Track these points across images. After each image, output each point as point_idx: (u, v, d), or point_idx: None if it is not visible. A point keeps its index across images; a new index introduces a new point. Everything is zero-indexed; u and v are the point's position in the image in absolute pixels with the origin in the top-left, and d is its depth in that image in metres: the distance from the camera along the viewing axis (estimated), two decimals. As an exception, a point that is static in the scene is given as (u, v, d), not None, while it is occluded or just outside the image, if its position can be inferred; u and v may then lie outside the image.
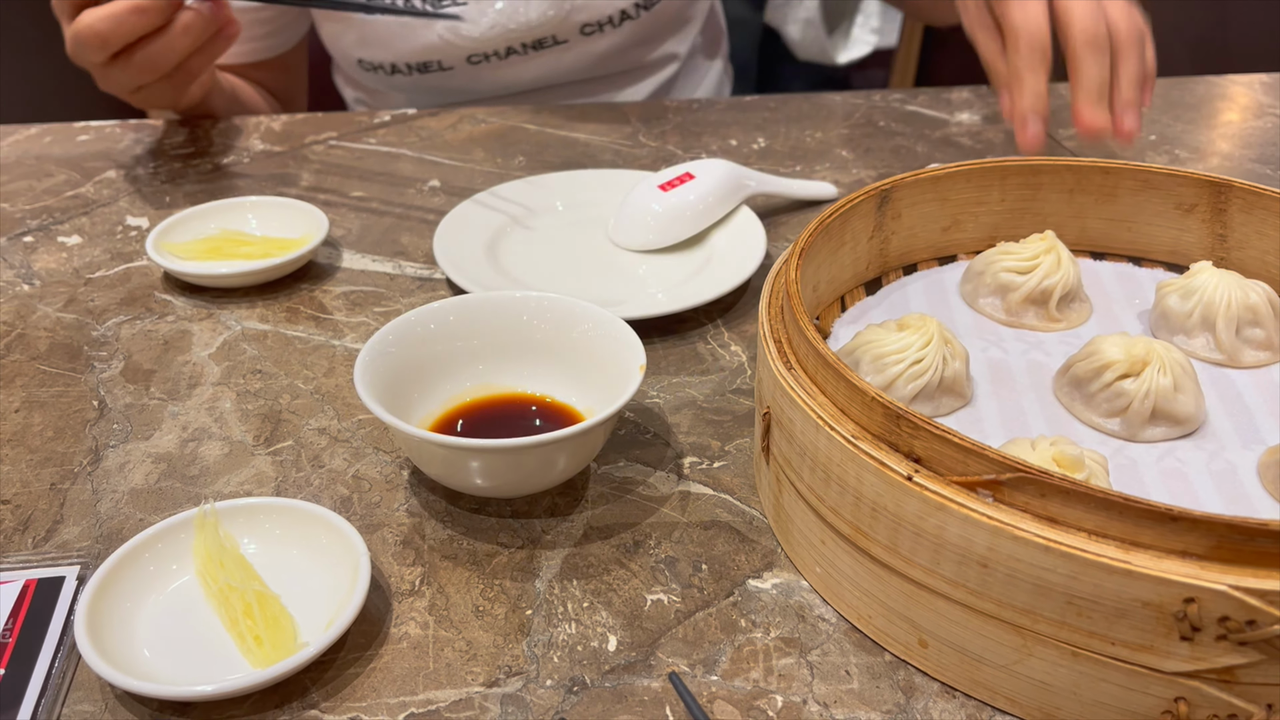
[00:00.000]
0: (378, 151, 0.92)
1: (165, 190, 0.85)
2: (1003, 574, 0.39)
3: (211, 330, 0.67)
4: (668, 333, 0.67)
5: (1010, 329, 0.59)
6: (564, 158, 0.91)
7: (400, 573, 0.49)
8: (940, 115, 0.99)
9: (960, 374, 0.52)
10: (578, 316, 0.57)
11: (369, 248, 0.77)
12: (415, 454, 0.51)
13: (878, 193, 0.60)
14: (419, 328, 0.56)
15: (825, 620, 0.47)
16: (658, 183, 0.76)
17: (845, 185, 0.85)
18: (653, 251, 0.74)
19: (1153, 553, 0.37)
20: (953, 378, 0.52)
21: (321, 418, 0.59)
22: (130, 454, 0.57)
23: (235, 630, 0.44)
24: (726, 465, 0.56)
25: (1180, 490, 0.48)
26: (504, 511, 0.53)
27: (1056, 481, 0.38)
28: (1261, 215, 0.60)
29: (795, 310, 0.48)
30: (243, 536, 0.49)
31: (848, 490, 0.43)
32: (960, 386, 0.52)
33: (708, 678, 0.44)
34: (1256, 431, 0.51)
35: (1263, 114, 1.01)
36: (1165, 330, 0.58)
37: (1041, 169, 0.64)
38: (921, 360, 0.51)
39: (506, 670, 0.44)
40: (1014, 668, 0.41)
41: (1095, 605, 0.38)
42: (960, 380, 0.52)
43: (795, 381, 0.46)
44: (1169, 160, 0.91)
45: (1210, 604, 0.36)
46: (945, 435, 0.40)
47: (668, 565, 0.50)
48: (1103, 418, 0.52)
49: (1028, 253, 0.60)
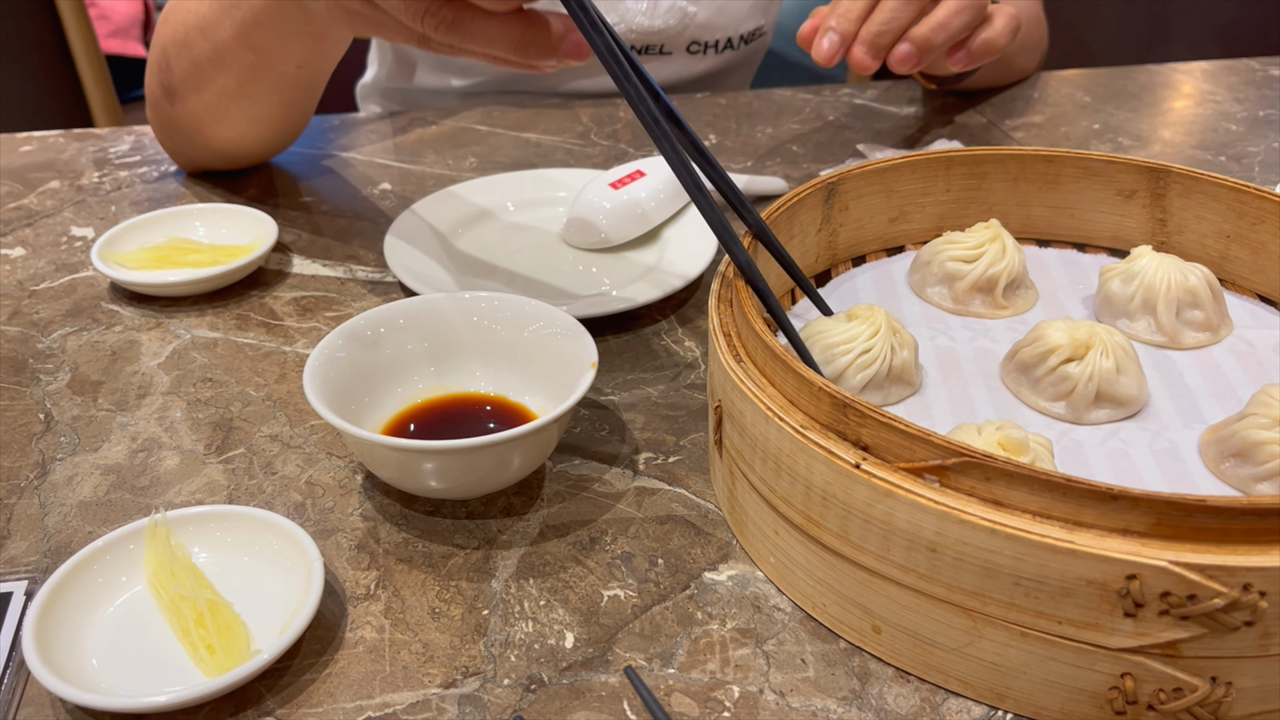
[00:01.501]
0: (328, 155, 0.91)
1: (110, 199, 0.84)
2: (951, 558, 0.40)
3: (160, 339, 0.66)
4: (621, 330, 0.67)
5: (958, 317, 0.60)
6: (515, 158, 0.91)
7: (355, 577, 0.49)
8: (889, 109, 1.00)
9: (909, 363, 0.53)
10: (529, 315, 0.57)
11: (320, 252, 0.76)
12: (368, 458, 0.51)
13: (824, 186, 0.61)
14: (369, 331, 0.56)
15: (780, 610, 0.47)
16: (609, 181, 0.76)
17: (795, 180, 0.86)
18: (605, 249, 0.75)
19: (1095, 532, 0.38)
20: (901, 367, 0.52)
21: (273, 424, 0.59)
22: (78, 466, 0.56)
23: (187, 640, 0.44)
24: (681, 460, 0.56)
25: (1124, 470, 0.49)
26: (459, 513, 0.52)
27: (1001, 465, 0.39)
28: (1199, 200, 0.62)
29: (744, 304, 0.48)
30: (194, 546, 0.48)
31: (798, 480, 0.44)
32: (909, 375, 0.53)
33: (665, 671, 0.44)
34: (1197, 411, 0.52)
35: (1203, 101, 1.03)
36: (1109, 314, 0.59)
37: (985, 158, 0.65)
38: (870, 350, 0.52)
39: (464, 671, 0.44)
40: (965, 650, 0.42)
41: (1041, 585, 0.39)
42: (909, 369, 0.53)
43: (745, 374, 0.47)
44: (1113, 148, 0.92)
45: (1152, 580, 0.37)
46: (892, 423, 0.41)
47: (624, 561, 0.50)
48: (1049, 401, 0.52)
49: (973, 241, 0.60)
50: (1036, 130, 0.96)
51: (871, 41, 0.70)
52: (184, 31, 0.75)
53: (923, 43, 0.70)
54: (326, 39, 0.69)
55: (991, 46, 0.74)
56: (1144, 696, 0.40)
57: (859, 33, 0.71)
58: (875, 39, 0.70)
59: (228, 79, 0.74)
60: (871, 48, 0.70)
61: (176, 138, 0.83)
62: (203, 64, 0.74)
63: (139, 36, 2.06)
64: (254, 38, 0.70)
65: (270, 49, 0.70)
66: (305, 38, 0.69)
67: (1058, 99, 1.02)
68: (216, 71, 0.74)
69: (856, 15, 0.71)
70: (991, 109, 1.00)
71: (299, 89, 0.76)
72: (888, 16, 0.70)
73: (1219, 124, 0.97)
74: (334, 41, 0.70)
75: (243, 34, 0.70)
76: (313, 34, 0.68)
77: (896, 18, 0.70)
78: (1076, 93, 1.04)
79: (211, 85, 0.75)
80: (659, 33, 1.00)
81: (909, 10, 0.70)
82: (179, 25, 0.75)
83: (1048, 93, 1.04)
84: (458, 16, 0.51)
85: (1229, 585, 0.37)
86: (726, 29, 1.02)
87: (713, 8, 1.00)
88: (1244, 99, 1.02)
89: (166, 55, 0.77)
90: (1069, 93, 1.04)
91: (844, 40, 0.71)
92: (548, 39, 0.52)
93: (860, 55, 0.70)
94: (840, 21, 0.71)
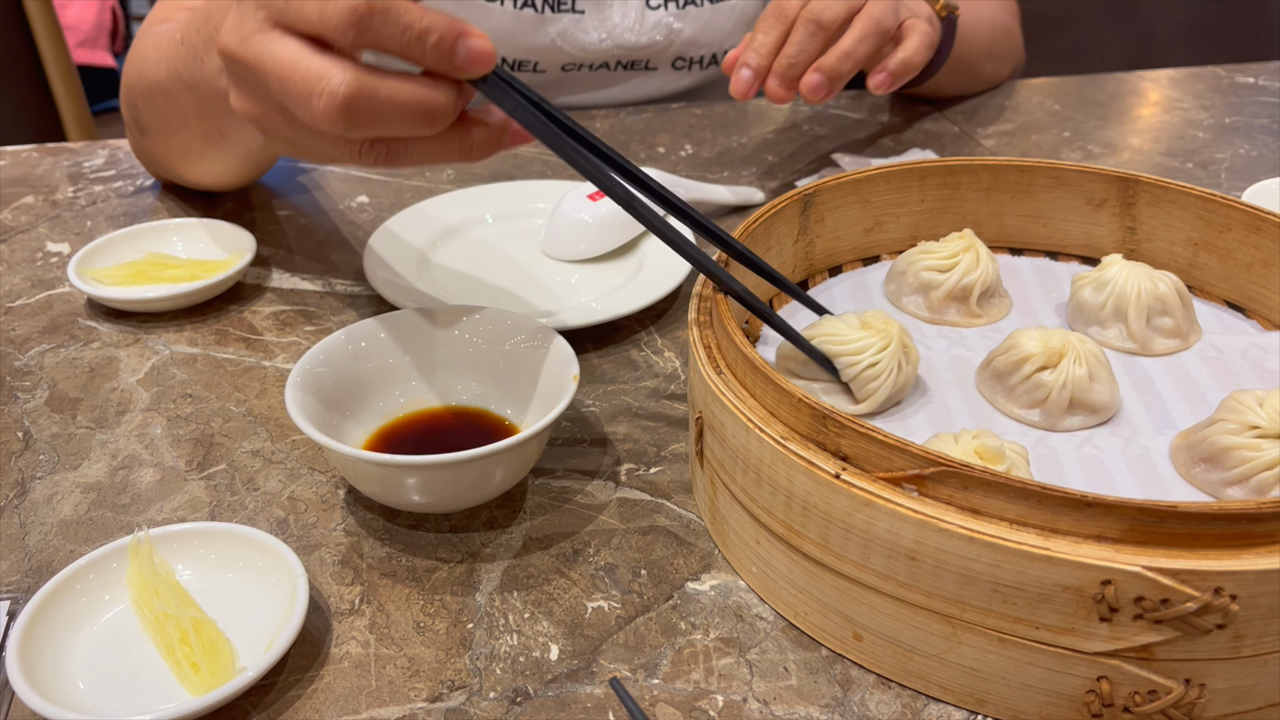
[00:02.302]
0: (305, 169, 0.91)
1: (86, 215, 0.83)
2: (930, 565, 0.41)
3: (139, 356, 0.66)
4: (602, 341, 0.67)
5: (933, 326, 0.61)
6: (493, 169, 0.91)
7: (340, 592, 0.49)
8: (863, 118, 1.01)
9: (909, 379, 0.53)
10: (510, 329, 0.57)
11: (298, 266, 0.76)
12: (350, 473, 0.51)
13: (801, 198, 0.61)
14: (350, 345, 0.56)
15: (763, 619, 0.48)
16: (587, 193, 0.76)
17: (771, 189, 0.87)
18: (584, 261, 0.75)
19: (1071, 538, 0.39)
20: (903, 383, 0.53)
21: (255, 440, 0.59)
22: (58, 485, 0.56)
23: (172, 658, 0.44)
24: (663, 470, 0.56)
25: (1098, 476, 0.49)
26: (442, 526, 0.53)
27: (978, 474, 0.39)
28: (1168, 209, 0.63)
29: (722, 316, 0.49)
30: (177, 563, 0.48)
31: (779, 490, 0.44)
32: (904, 392, 0.54)
33: (649, 681, 0.45)
34: (1168, 416, 0.53)
35: (1171, 108, 1.05)
36: (1081, 322, 0.60)
37: (959, 169, 0.66)
38: (877, 364, 0.52)
39: (449, 684, 0.45)
40: (945, 656, 0.43)
41: (1019, 591, 0.39)
42: (907, 385, 0.54)
43: (725, 386, 0.47)
44: (1083, 156, 0.94)
45: (1126, 585, 0.38)
46: (870, 433, 0.41)
47: (607, 572, 0.50)
48: (1023, 409, 0.53)
49: (947, 251, 0.61)
50: (1008, 138, 0.97)
51: (783, 74, 0.74)
52: (146, 87, 0.74)
53: (831, 72, 0.73)
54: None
55: (909, 65, 0.77)
56: (1120, 699, 0.40)
57: (771, 66, 0.74)
58: (786, 71, 0.74)
59: (191, 138, 0.74)
60: (783, 79, 0.74)
61: (151, 164, 0.84)
62: (169, 121, 0.74)
63: (106, 45, 2.05)
64: (215, 117, 0.69)
65: (231, 130, 0.70)
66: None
67: (1028, 107, 1.04)
68: (180, 130, 0.74)
69: (769, 49, 0.74)
70: (963, 117, 1.01)
71: (266, 152, 0.77)
72: (796, 49, 0.73)
73: (1186, 131, 0.99)
74: None
75: (202, 111, 0.69)
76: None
77: (805, 49, 0.73)
78: (1047, 101, 1.05)
79: (178, 138, 0.75)
80: (645, 49, 1.01)
81: (816, 42, 0.74)
82: (141, 78, 0.74)
83: (1018, 101, 1.05)
84: (392, 148, 0.48)
85: (1201, 589, 0.37)
86: (711, 45, 1.03)
87: (698, 25, 1.01)
88: (1210, 106, 1.04)
89: (134, 99, 0.77)
90: (1039, 101, 1.05)
91: (757, 74, 0.74)
92: (488, 134, 0.49)
93: (774, 87, 0.74)
94: (754, 56, 0.74)
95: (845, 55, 0.73)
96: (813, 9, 0.73)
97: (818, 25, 0.73)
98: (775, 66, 0.74)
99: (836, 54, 0.73)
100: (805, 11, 0.74)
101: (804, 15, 0.74)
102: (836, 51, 0.74)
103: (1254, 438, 0.47)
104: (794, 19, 0.74)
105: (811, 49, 0.73)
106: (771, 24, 0.75)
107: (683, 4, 1.00)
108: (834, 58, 0.73)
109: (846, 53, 0.73)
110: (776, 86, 0.74)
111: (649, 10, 0.99)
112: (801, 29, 0.73)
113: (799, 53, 0.73)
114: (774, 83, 0.74)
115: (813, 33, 0.73)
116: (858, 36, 0.74)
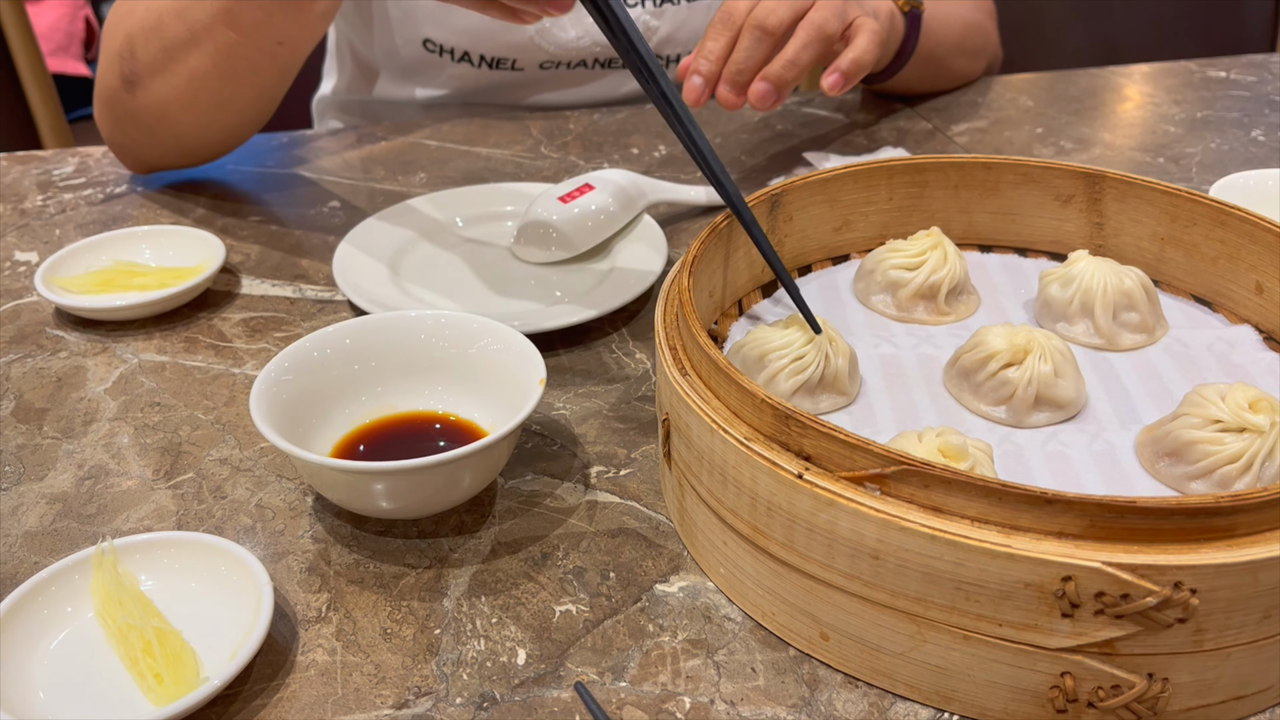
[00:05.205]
0: (275, 174, 0.90)
1: (54, 223, 0.83)
2: (894, 564, 0.41)
3: (107, 365, 0.66)
4: (573, 343, 0.67)
5: (902, 324, 0.61)
6: (465, 173, 0.91)
7: (306, 600, 0.49)
8: (836, 116, 1.01)
9: (841, 371, 0.54)
10: (476, 333, 0.57)
11: (268, 272, 0.76)
12: (317, 481, 0.51)
13: (769, 197, 0.61)
14: (315, 353, 0.56)
15: (731, 620, 0.48)
16: (557, 195, 0.76)
17: (745, 189, 0.87)
18: (556, 263, 0.75)
19: (1031, 535, 0.39)
20: (834, 375, 0.53)
21: (223, 448, 0.59)
22: (24, 496, 0.55)
23: (135, 669, 0.44)
24: (633, 473, 0.56)
25: (1063, 472, 0.50)
26: (411, 532, 0.53)
27: (939, 472, 0.39)
28: (1134, 204, 0.63)
29: (688, 317, 0.49)
30: (141, 574, 0.48)
31: (744, 491, 0.44)
32: (841, 384, 0.54)
33: (616, 684, 0.45)
34: (1134, 411, 0.54)
35: (1143, 104, 1.05)
36: (1048, 318, 0.60)
37: (926, 167, 0.66)
38: (803, 357, 0.53)
39: (416, 691, 0.44)
40: (910, 654, 0.43)
41: (981, 589, 0.39)
42: (841, 378, 0.54)
43: (690, 387, 0.47)
44: (1055, 151, 0.94)
45: (1086, 581, 0.38)
46: (832, 433, 0.41)
47: (576, 575, 0.50)
48: (990, 406, 0.53)
49: (915, 249, 0.61)
50: (980, 135, 0.97)
51: (732, 80, 0.75)
52: (155, 16, 0.77)
53: (777, 79, 0.75)
54: (312, 11, 0.73)
55: (860, 64, 0.77)
56: (1084, 694, 0.41)
57: (721, 72, 0.75)
58: (735, 77, 0.75)
59: (201, 59, 0.76)
60: (733, 85, 0.75)
61: (133, 131, 0.84)
62: (174, 47, 0.76)
63: (79, 55, 2.04)
64: (238, 14, 0.73)
65: (255, 24, 0.73)
66: (291, 10, 0.72)
67: (1001, 103, 1.04)
68: (189, 53, 0.76)
69: (718, 55, 0.75)
70: (936, 114, 1.01)
71: (275, 69, 0.79)
72: (743, 56, 0.75)
73: (1158, 126, 0.99)
74: (319, 15, 0.74)
75: (226, 11, 0.73)
76: (300, 4, 0.72)
77: (752, 55, 0.75)
78: (1020, 97, 1.06)
79: (182, 67, 0.77)
80: None
81: (762, 48, 0.75)
82: (149, 11, 0.78)
83: (991, 97, 1.06)
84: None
85: (1160, 584, 0.38)
86: (687, 43, 1.03)
87: (674, 23, 1.02)
88: (1182, 101, 1.05)
89: (132, 42, 0.79)
90: (1012, 97, 1.06)
91: (708, 81, 0.75)
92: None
93: (724, 94, 0.75)
94: (704, 63, 0.75)
95: (789, 63, 0.75)
96: (758, 15, 0.75)
97: (763, 31, 0.74)
98: (725, 73, 0.75)
99: (781, 62, 0.75)
100: (750, 18, 0.75)
101: (749, 21, 0.75)
102: (781, 60, 0.75)
103: (1216, 431, 0.48)
104: (741, 24, 0.75)
105: (759, 55, 0.75)
106: (720, 30, 0.76)
107: (659, 2, 1.00)
108: (779, 66, 0.75)
109: (790, 61, 0.75)
110: (727, 93, 0.75)
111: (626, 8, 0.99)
112: (748, 35, 0.75)
113: (747, 59, 0.75)
114: (724, 89, 0.75)
115: (759, 39, 0.75)
116: (800, 44, 0.75)
